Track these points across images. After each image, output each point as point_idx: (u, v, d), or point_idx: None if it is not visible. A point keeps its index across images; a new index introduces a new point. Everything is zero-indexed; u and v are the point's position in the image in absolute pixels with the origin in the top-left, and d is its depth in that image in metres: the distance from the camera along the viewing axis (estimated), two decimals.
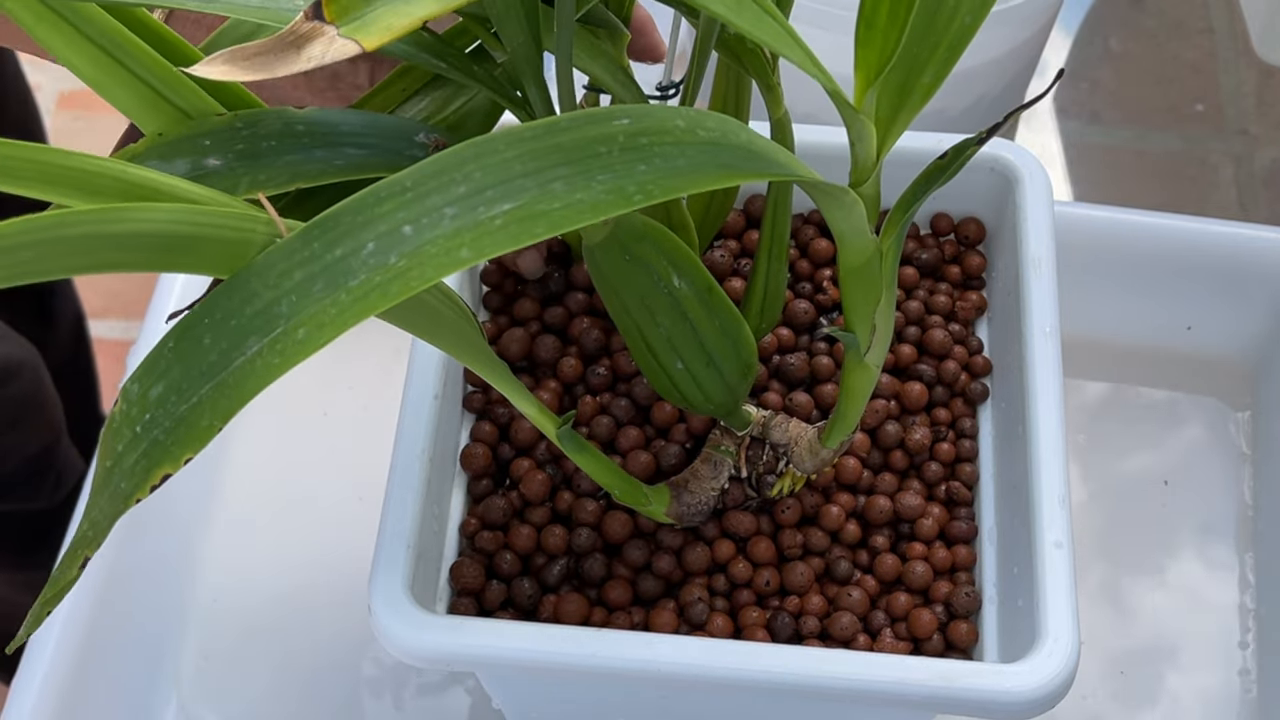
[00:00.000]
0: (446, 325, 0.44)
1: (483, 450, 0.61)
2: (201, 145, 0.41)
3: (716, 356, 0.52)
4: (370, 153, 0.43)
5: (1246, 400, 0.81)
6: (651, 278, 0.48)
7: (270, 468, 0.79)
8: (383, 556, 0.54)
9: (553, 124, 0.35)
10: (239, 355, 0.33)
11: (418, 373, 0.59)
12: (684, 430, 0.60)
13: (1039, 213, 0.63)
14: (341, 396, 0.81)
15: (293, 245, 0.33)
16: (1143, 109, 0.97)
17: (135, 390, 0.34)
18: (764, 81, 0.53)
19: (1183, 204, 0.93)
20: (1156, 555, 0.77)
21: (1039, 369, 0.59)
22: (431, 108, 0.49)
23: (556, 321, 0.64)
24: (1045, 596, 0.54)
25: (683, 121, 0.37)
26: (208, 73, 0.32)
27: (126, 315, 1.52)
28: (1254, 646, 0.74)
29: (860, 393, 0.53)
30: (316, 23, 0.33)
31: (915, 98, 0.44)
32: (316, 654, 0.74)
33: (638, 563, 0.58)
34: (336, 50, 0.32)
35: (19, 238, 0.31)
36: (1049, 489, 0.56)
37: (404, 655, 0.53)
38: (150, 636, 0.74)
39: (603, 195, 0.35)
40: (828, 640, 0.58)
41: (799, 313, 0.64)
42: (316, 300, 0.33)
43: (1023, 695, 0.52)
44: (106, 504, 0.35)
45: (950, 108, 0.85)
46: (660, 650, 0.53)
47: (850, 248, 0.47)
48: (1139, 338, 0.82)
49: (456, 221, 0.33)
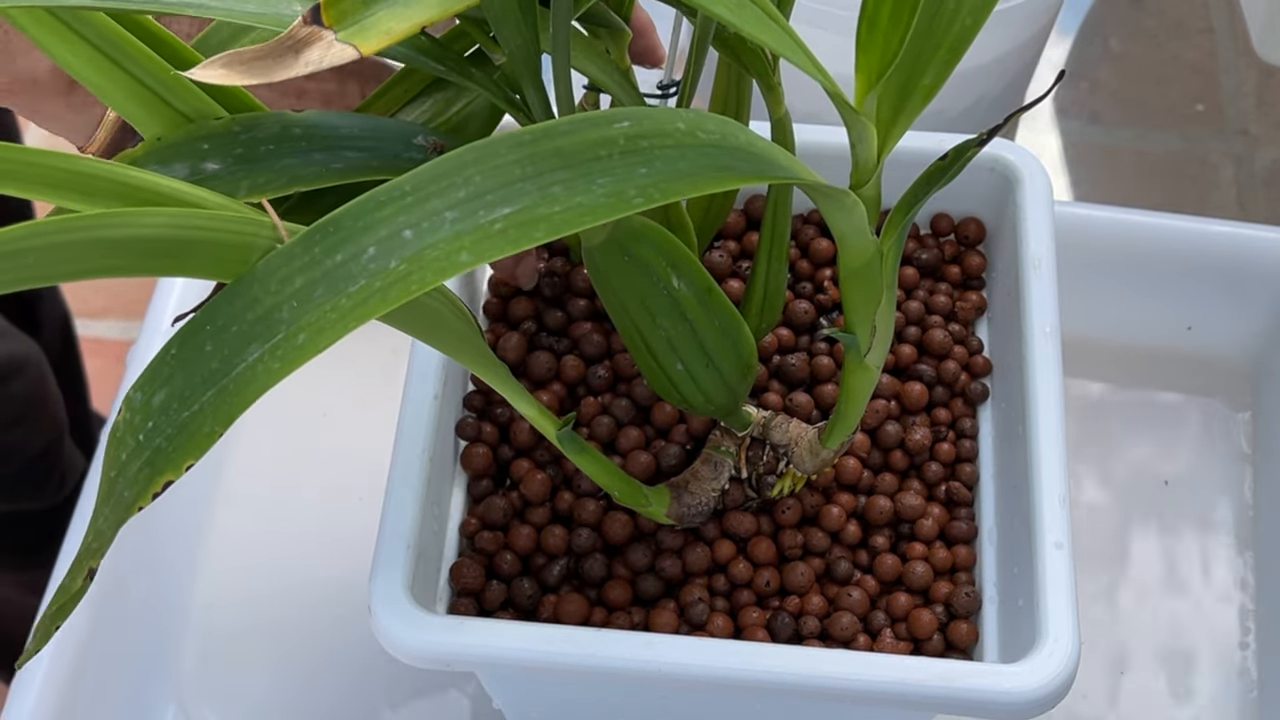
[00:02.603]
0: (447, 327, 0.44)
1: (483, 450, 0.61)
2: (200, 149, 0.41)
3: (716, 357, 0.52)
4: (369, 156, 0.43)
5: (1247, 400, 0.81)
6: (651, 279, 0.48)
7: (270, 468, 0.79)
8: (383, 556, 0.54)
9: (553, 127, 0.35)
10: (240, 361, 0.33)
11: (418, 373, 0.59)
12: (684, 431, 0.60)
13: (1039, 213, 0.63)
14: (341, 397, 0.81)
15: (293, 251, 0.33)
16: (1143, 109, 0.97)
17: (138, 398, 0.34)
18: (765, 81, 0.53)
19: (1183, 204, 0.93)
20: (1156, 555, 0.77)
21: (1039, 369, 0.59)
22: (432, 111, 0.49)
23: (556, 324, 0.64)
24: (1045, 597, 0.54)
25: (683, 124, 0.37)
26: (205, 77, 0.32)
27: (126, 315, 1.52)
28: (1254, 647, 0.74)
29: (860, 394, 0.53)
30: (315, 27, 0.33)
31: (916, 99, 0.44)
32: (316, 654, 0.74)
33: (638, 563, 0.58)
34: (335, 55, 0.32)
35: (22, 243, 0.31)
36: (1049, 489, 0.56)
37: (404, 655, 0.53)
38: (150, 636, 0.74)
39: (603, 199, 0.35)
40: (828, 640, 0.58)
41: (799, 313, 0.64)
42: (317, 305, 0.33)
43: (1023, 695, 0.52)
44: (110, 513, 0.35)
45: (950, 108, 0.85)
46: (660, 650, 0.53)
47: (851, 249, 0.47)
48: (1139, 338, 0.82)
49: (457, 225, 0.33)
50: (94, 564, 0.35)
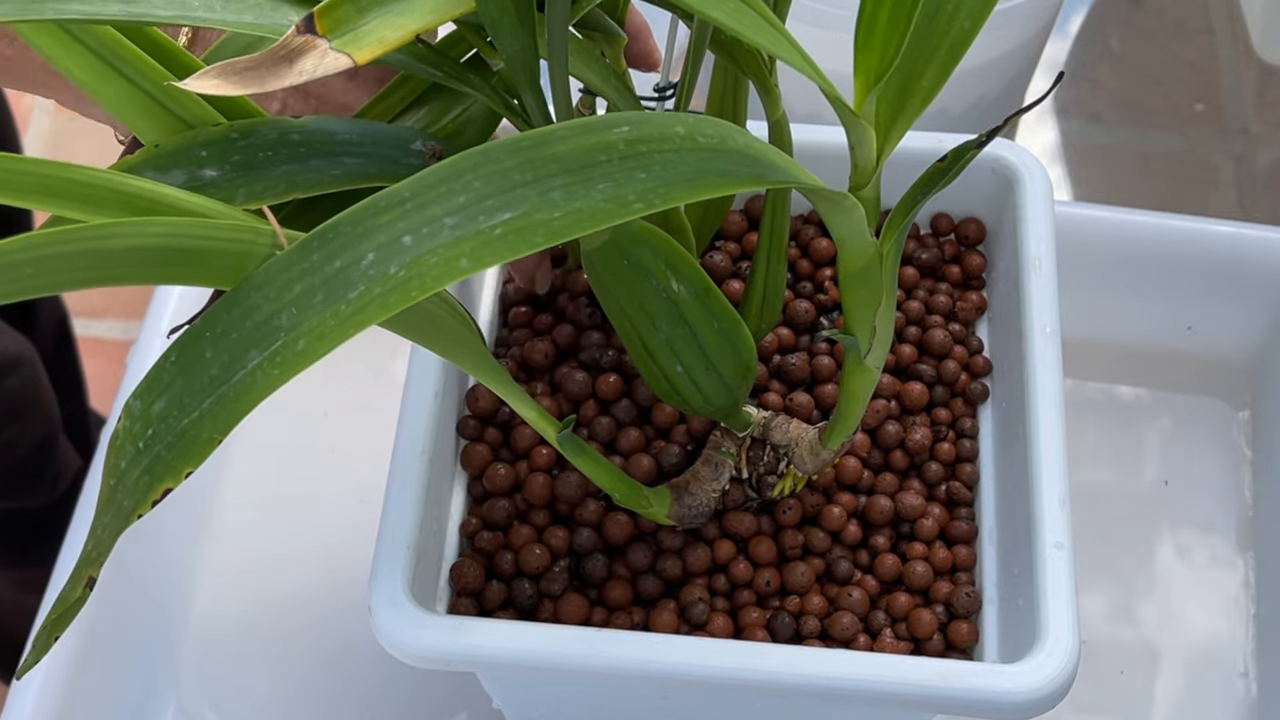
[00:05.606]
0: (446, 331, 0.44)
1: (483, 450, 0.61)
2: (198, 156, 0.41)
3: (715, 359, 0.52)
4: (367, 162, 0.43)
5: (1246, 400, 0.81)
6: (649, 282, 0.48)
7: (270, 468, 0.79)
8: (383, 556, 0.54)
9: (551, 133, 0.35)
10: (240, 368, 0.33)
11: (418, 373, 0.59)
12: (684, 431, 0.60)
13: (1039, 213, 0.63)
14: (341, 396, 0.81)
15: (292, 258, 0.33)
16: (1143, 109, 0.97)
17: (138, 406, 0.34)
18: (762, 84, 0.53)
19: (1183, 204, 0.93)
20: (1157, 555, 0.77)
21: (1039, 369, 0.59)
22: (430, 116, 0.49)
23: (552, 327, 0.64)
24: (1045, 597, 0.54)
25: (682, 128, 0.37)
26: (199, 87, 0.32)
27: (126, 315, 1.52)
28: (1254, 646, 0.74)
29: (860, 394, 0.54)
30: (309, 36, 0.33)
31: (915, 101, 0.44)
32: (316, 654, 0.74)
33: (638, 563, 0.58)
34: (329, 64, 0.32)
35: (20, 254, 0.31)
36: (1049, 489, 0.56)
37: (404, 655, 0.53)
38: (150, 636, 0.74)
39: (602, 204, 0.35)
40: (828, 640, 0.58)
41: (799, 312, 0.64)
42: (316, 312, 0.33)
43: (1023, 695, 0.52)
44: (110, 521, 0.35)
45: (951, 108, 0.85)
46: (660, 650, 0.53)
47: (850, 251, 0.47)
48: (1139, 338, 0.82)
49: (456, 231, 0.33)
50: (94, 573, 0.35)
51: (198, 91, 0.32)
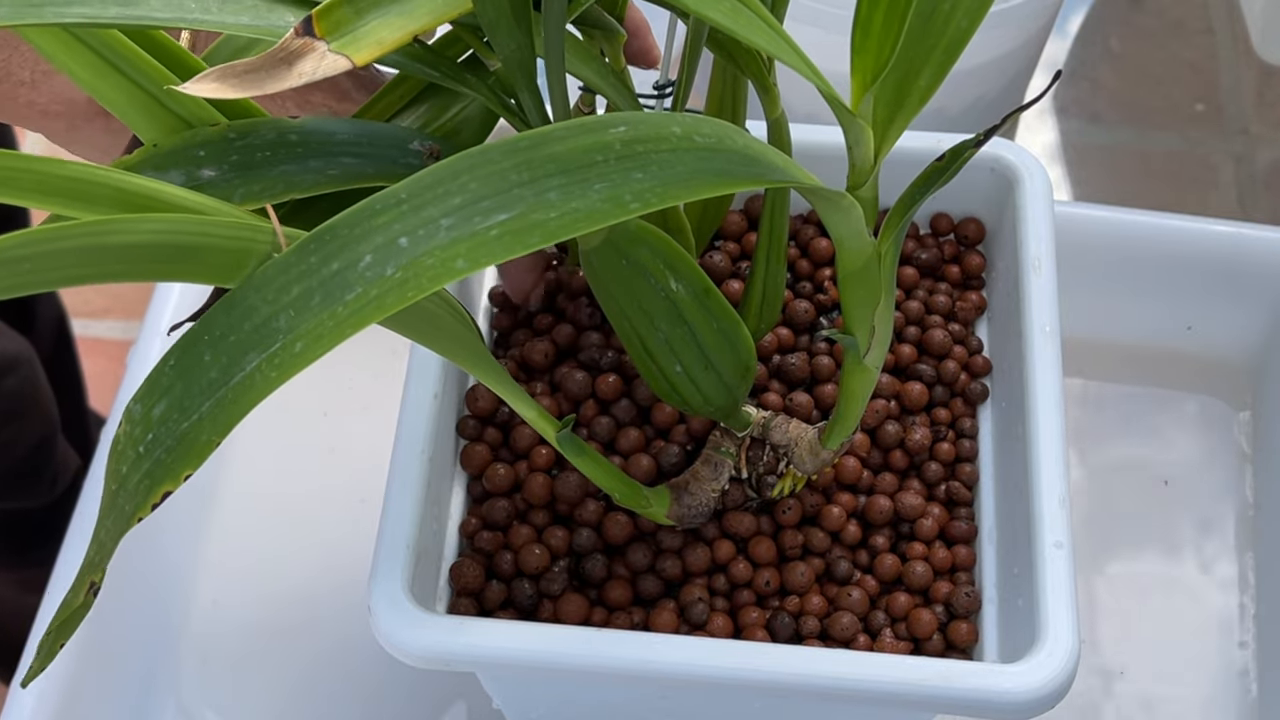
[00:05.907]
0: (445, 330, 0.44)
1: (483, 450, 0.61)
2: (196, 156, 0.41)
3: (714, 359, 0.52)
4: (365, 162, 0.43)
5: (1246, 400, 0.81)
6: (648, 282, 0.48)
7: (270, 468, 0.79)
8: (383, 556, 0.54)
9: (548, 133, 0.35)
10: (239, 371, 0.33)
11: (417, 373, 0.59)
12: (684, 431, 0.60)
13: (1039, 213, 0.63)
14: (341, 396, 0.81)
15: (289, 260, 0.33)
16: (1143, 109, 0.97)
17: (138, 410, 0.34)
18: (760, 83, 0.53)
19: (1183, 204, 0.93)
20: (1157, 555, 0.77)
21: (1039, 369, 0.59)
22: (427, 116, 0.49)
23: (552, 328, 0.64)
24: (1045, 597, 0.54)
25: (679, 128, 0.37)
26: (199, 90, 0.32)
27: (126, 315, 1.53)
28: (1254, 647, 0.74)
29: (860, 394, 0.54)
30: (307, 38, 0.33)
31: (912, 101, 0.44)
32: (316, 654, 0.74)
33: (638, 563, 0.58)
34: (328, 66, 0.32)
35: (18, 250, 0.31)
36: (1049, 489, 0.56)
37: (404, 655, 0.53)
38: (150, 637, 0.74)
39: (599, 204, 0.35)
40: (828, 640, 0.58)
41: (799, 312, 0.64)
42: (314, 314, 0.33)
43: (1022, 695, 0.52)
44: (112, 526, 0.35)
45: (950, 107, 0.85)
46: (660, 650, 0.53)
47: (848, 251, 0.47)
48: (1139, 338, 0.82)
49: (453, 232, 0.33)
50: (96, 579, 0.35)
51: (197, 95, 0.32)
